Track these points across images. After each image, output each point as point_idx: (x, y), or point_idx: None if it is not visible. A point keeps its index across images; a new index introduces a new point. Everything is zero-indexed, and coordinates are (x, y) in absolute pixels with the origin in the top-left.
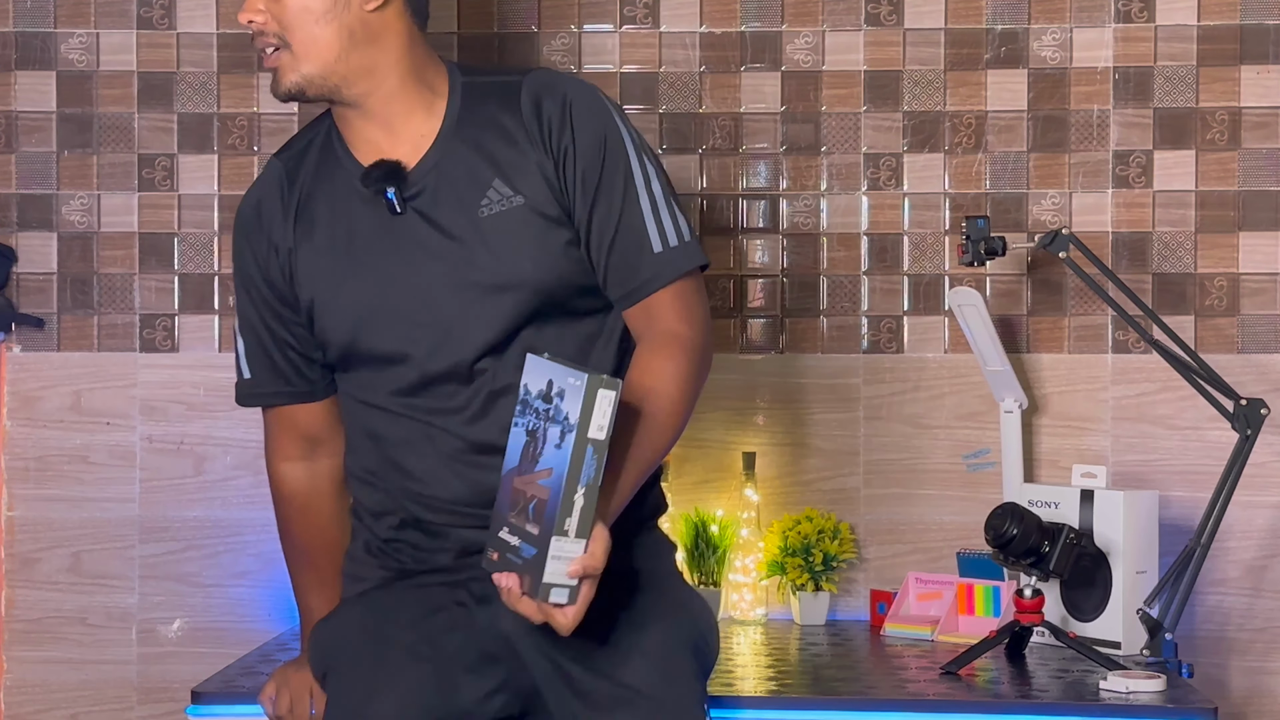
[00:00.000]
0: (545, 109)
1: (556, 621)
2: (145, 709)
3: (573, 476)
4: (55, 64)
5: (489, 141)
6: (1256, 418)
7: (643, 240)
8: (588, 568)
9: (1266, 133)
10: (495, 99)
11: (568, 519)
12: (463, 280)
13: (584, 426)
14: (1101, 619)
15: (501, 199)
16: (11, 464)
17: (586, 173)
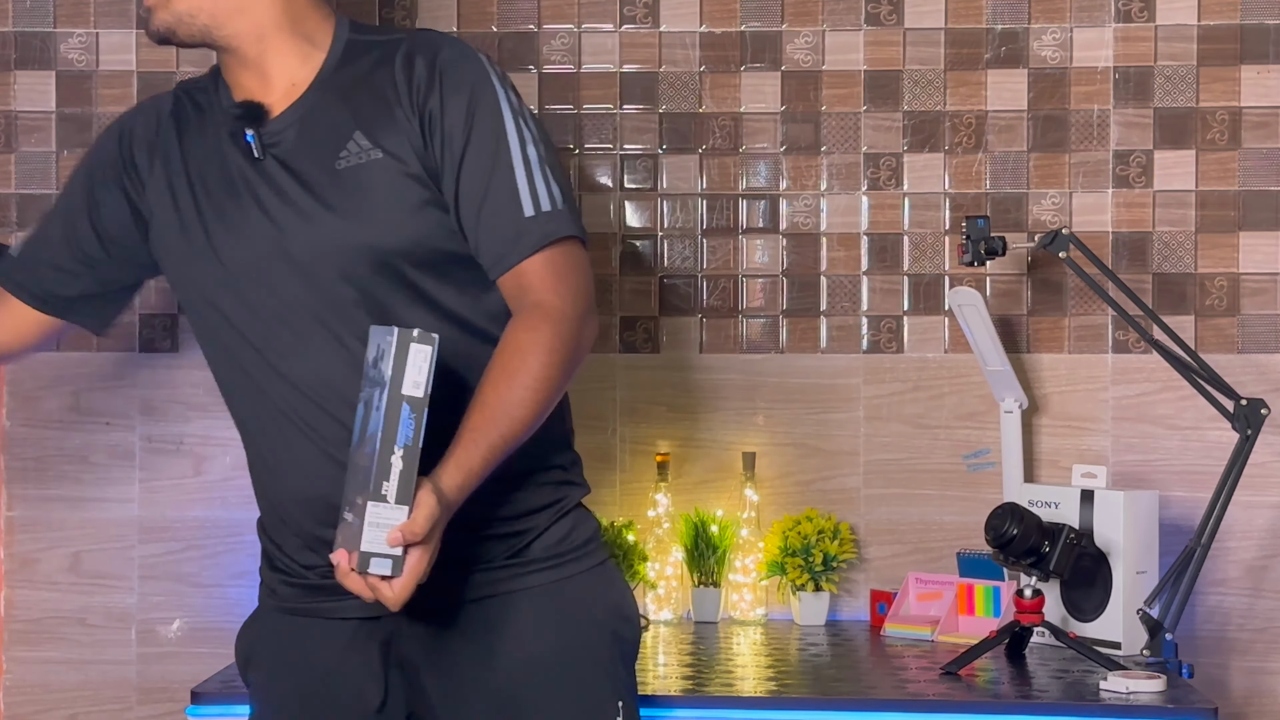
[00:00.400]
0: (416, 67)
1: (383, 595)
2: (145, 709)
3: (388, 437)
4: (55, 64)
5: (357, 96)
6: (1256, 418)
7: (513, 203)
8: (408, 534)
9: (1266, 133)
10: (373, 56)
11: (385, 483)
12: (310, 230)
13: (397, 383)
14: (1102, 619)
15: (360, 151)
16: (11, 464)
17: (454, 134)
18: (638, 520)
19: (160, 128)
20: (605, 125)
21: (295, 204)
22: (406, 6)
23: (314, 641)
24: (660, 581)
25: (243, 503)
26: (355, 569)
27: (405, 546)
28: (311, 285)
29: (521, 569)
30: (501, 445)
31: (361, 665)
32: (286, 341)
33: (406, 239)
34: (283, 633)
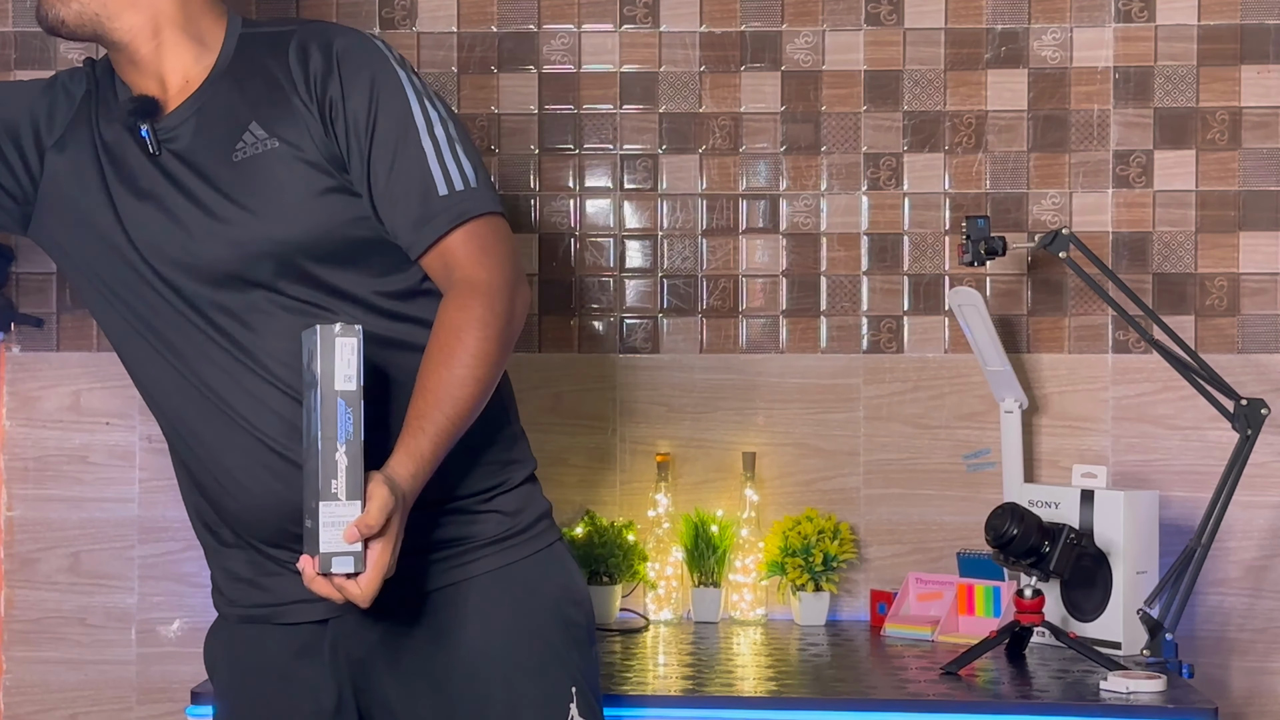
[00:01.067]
0: (312, 56)
1: (351, 594)
2: (144, 709)
3: (329, 435)
4: (55, 64)
5: (251, 88)
6: (1257, 418)
7: (427, 184)
8: (363, 528)
9: (1267, 133)
10: (265, 48)
11: (333, 480)
12: (217, 223)
13: (329, 379)
14: (1102, 619)
15: (257, 141)
16: (11, 464)
17: (358, 120)
18: (638, 520)
19: (72, 105)
20: (605, 125)
21: (196, 198)
22: (406, 7)
23: (267, 650)
24: (660, 581)
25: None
26: (319, 572)
27: (364, 541)
28: (217, 282)
29: (469, 555)
30: (449, 428)
31: (314, 669)
32: (197, 343)
33: (311, 229)
34: (237, 643)
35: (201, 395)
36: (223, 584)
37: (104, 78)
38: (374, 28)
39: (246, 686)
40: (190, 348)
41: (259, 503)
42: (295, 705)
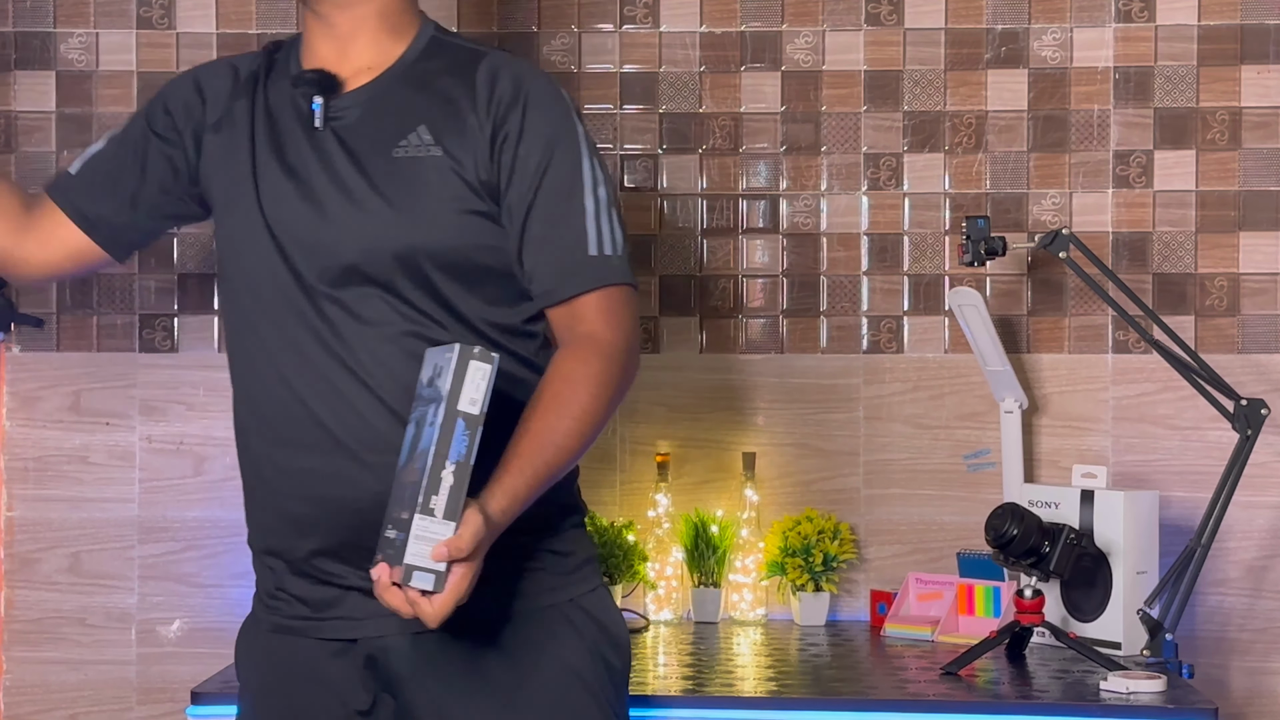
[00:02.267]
0: (500, 84)
1: (422, 611)
2: (145, 709)
3: (440, 451)
4: (55, 64)
5: (429, 93)
6: (1257, 418)
7: (581, 240)
8: (453, 549)
9: (1267, 133)
10: (452, 60)
11: (434, 496)
12: (356, 210)
13: (454, 398)
14: (1102, 619)
15: (421, 145)
16: (11, 464)
17: (529, 160)
18: (638, 520)
19: (237, 84)
20: (605, 125)
21: (342, 181)
22: None
23: (299, 654)
24: (660, 582)
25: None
26: (397, 582)
27: (449, 563)
28: (337, 271)
29: (519, 589)
30: (546, 474)
31: (346, 674)
32: (293, 335)
33: (446, 240)
34: (271, 651)
35: (281, 389)
36: (266, 592)
37: (283, 56)
38: None
39: (274, 687)
40: (283, 338)
41: (325, 507)
42: (324, 706)
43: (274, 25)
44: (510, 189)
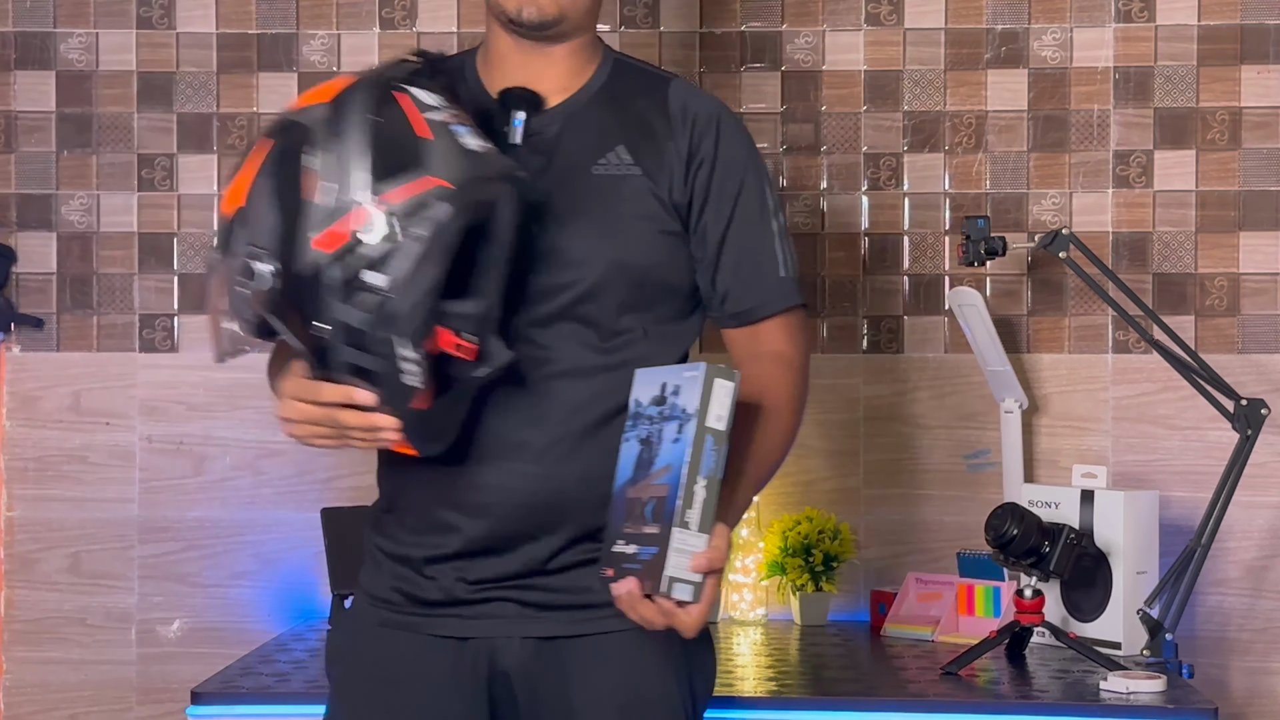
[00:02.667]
0: (693, 110)
1: (680, 621)
2: (145, 709)
3: (693, 466)
4: (55, 64)
5: (623, 115)
6: (1257, 418)
7: (773, 263)
8: (712, 561)
9: (1267, 133)
10: (640, 83)
11: (689, 510)
12: (554, 226)
13: (703, 415)
14: (1102, 619)
15: (620, 164)
16: (11, 464)
17: (725, 185)
18: None
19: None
20: None
21: (545, 195)
22: (406, 7)
23: (416, 662)
24: None
25: (242, 503)
26: (655, 593)
27: (704, 574)
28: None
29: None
30: (759, 483)
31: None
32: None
33: (641, 259)
34: (382, 644)
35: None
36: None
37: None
38: (374, 28)
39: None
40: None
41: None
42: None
43: (274, 25)
44: (705, 212)
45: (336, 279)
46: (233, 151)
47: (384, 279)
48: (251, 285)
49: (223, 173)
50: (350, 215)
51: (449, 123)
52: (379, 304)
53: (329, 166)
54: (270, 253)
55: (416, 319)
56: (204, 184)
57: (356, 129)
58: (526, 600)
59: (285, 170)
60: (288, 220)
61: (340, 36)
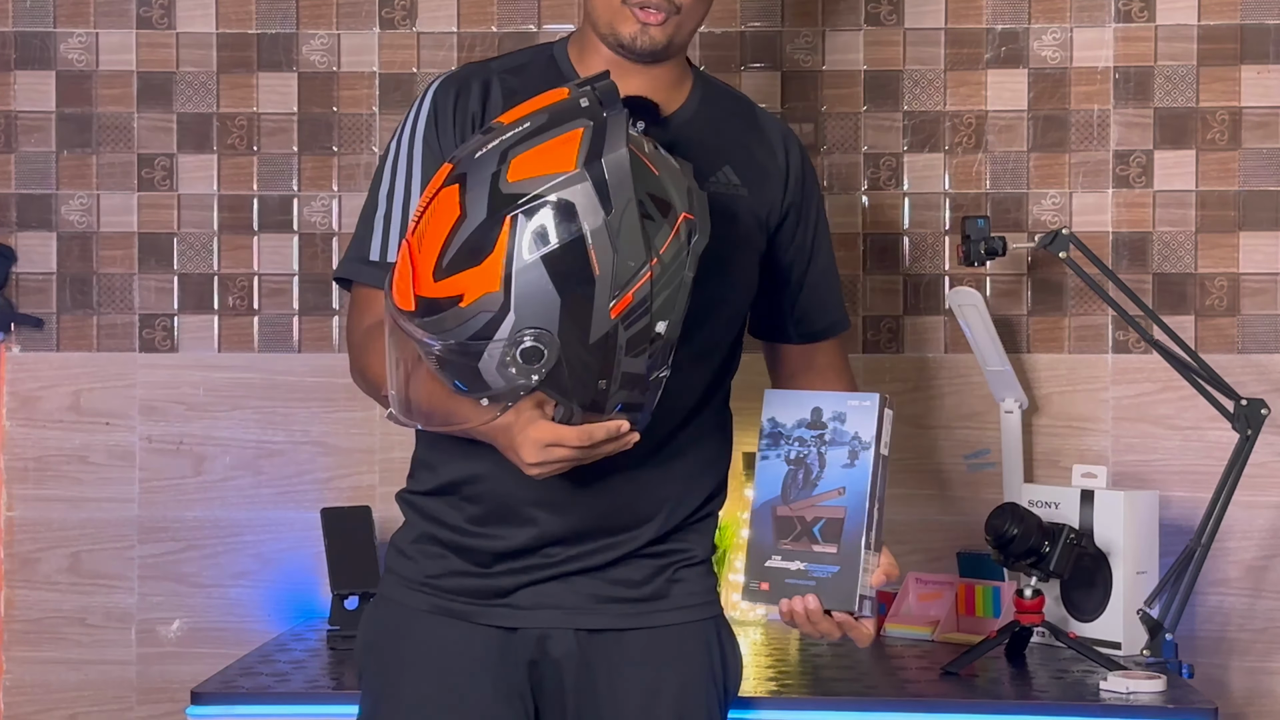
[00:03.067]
0: (780, 131)
1: (860, 634)
2: (145, 709)
3: (873, 492)
4: (55, 64)
5: (727, 135)
6: (1257, 418)
7: (838, 285)
8: (890, 575)
9: (1267, 133)
10: (731, 104)
11: (870, 532)
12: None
13: (879, 444)
14: (1102, 619)
15: (729, 184)
16: (11, 464)
17: (810, 212)
18: None
19: (488, 104)
20: None
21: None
22: (406, 7)
23: (466, 650)
24: None
25: (243, 503)
26: (842, 609)
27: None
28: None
29: (670, 601)
30: None
31: (508, 679)
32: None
33: (747, 289)
34: (430, 630)
35: None
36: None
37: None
38: (374, 27)
39: (434, 680)
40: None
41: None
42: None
43: (274, 25)
44: (796, 235)
45: (625, 338)
46: (232, 151)
47: (665, 324)
48: (533, 366)
49: (222, 172)
50: (640, 278)
51: (646, 142)
52: (661, 348)
53: (610, 236)
54: (557, 334)
55: (677, 343)
56: (204, 184)
57: (624, 194)
58: (582, 592)
59: (560, 250)
60: (578, 298)
61: (340, 36)
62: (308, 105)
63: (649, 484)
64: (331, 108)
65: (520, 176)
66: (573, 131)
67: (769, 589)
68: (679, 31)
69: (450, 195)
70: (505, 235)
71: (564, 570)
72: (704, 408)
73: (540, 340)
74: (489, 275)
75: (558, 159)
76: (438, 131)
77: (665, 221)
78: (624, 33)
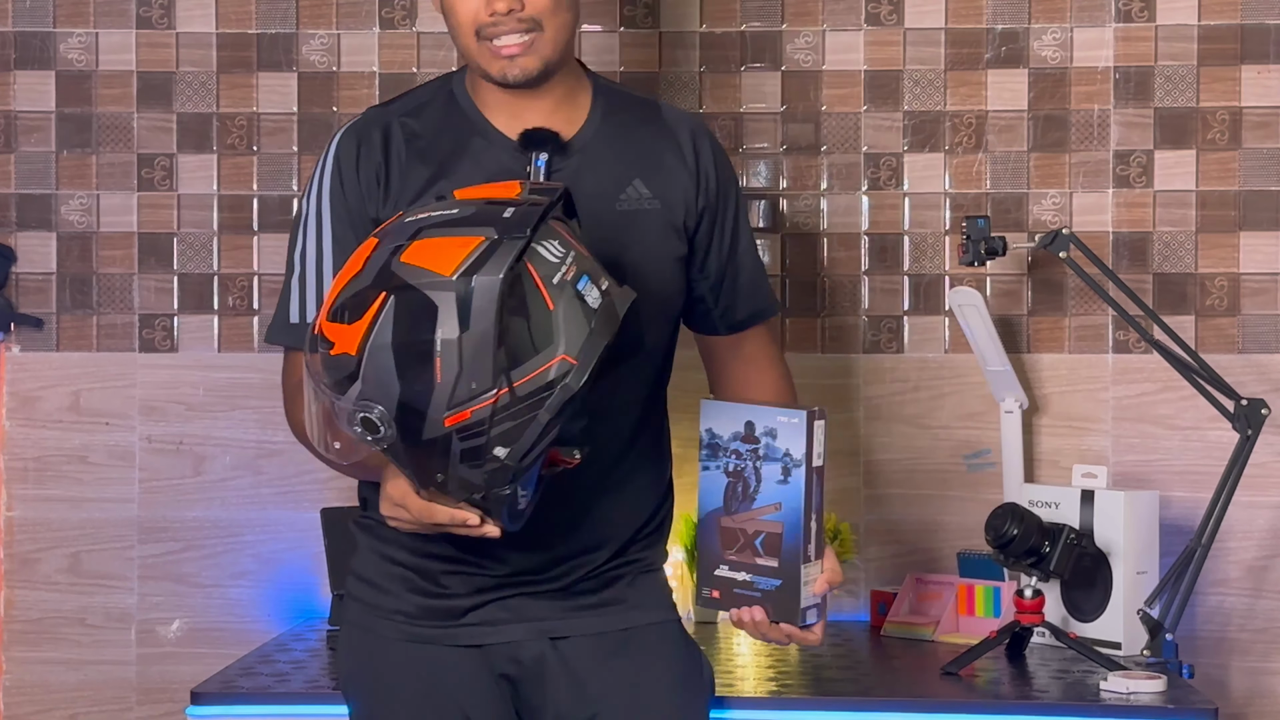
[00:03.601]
0: (688, 129)
1: (808, 639)
2: (144, 709)
3: (808, 506)
4: (54, 64)
5: (634, 147)
6: (1257, 418)
7: (761, 273)
8: (832, 581)
9: (1267, 132)
10: (635, 110)
11: (809, 545)
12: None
13: (809, 458)
14: (1102, 619)
15: (639, 198)
16: (10, 464)
17: (726, 205)
18: None
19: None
20: None
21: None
22: (406, 7)
23: (447, 673)
24: None
25: (243, 503)
26: (784, 621)
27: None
28: None
29: (631, 604)
30: None
31: (491, 694)
32: None
33: (660, 290)
34: (405, 657)
35: None
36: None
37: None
38: (374, 27)
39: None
40: None
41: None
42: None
43: (274, 25)
44: (714, 232)
45: (460, 450)
46: (232, 151)
47: (507, 451)
48: (370, 436)
49: (222, 172)
50: (481, 402)
51: (571, 279)
52: (500, 471)
53: (458, 352)
54: (393, 418)
55: (533, 469)
56: (203, 184)
57: (484, 319)
58: (546, 604)
59: (410, 344)
60: (414, 396)
61: (340, 36)
62: (308, 105)
63: (602, 510)
64: (331, 108)
65: (411, 261)
66: (472, 238)
67: (720, 596)
68: (549, 49)
69: (367, 247)
70: (375, 308)
71: (526, 591)
72: (646, 420)
73: (378, 417)
74: (352, 338)
75: (446, 259)
76: (344, 189)
77: (536, 358)
78: (492, 71)
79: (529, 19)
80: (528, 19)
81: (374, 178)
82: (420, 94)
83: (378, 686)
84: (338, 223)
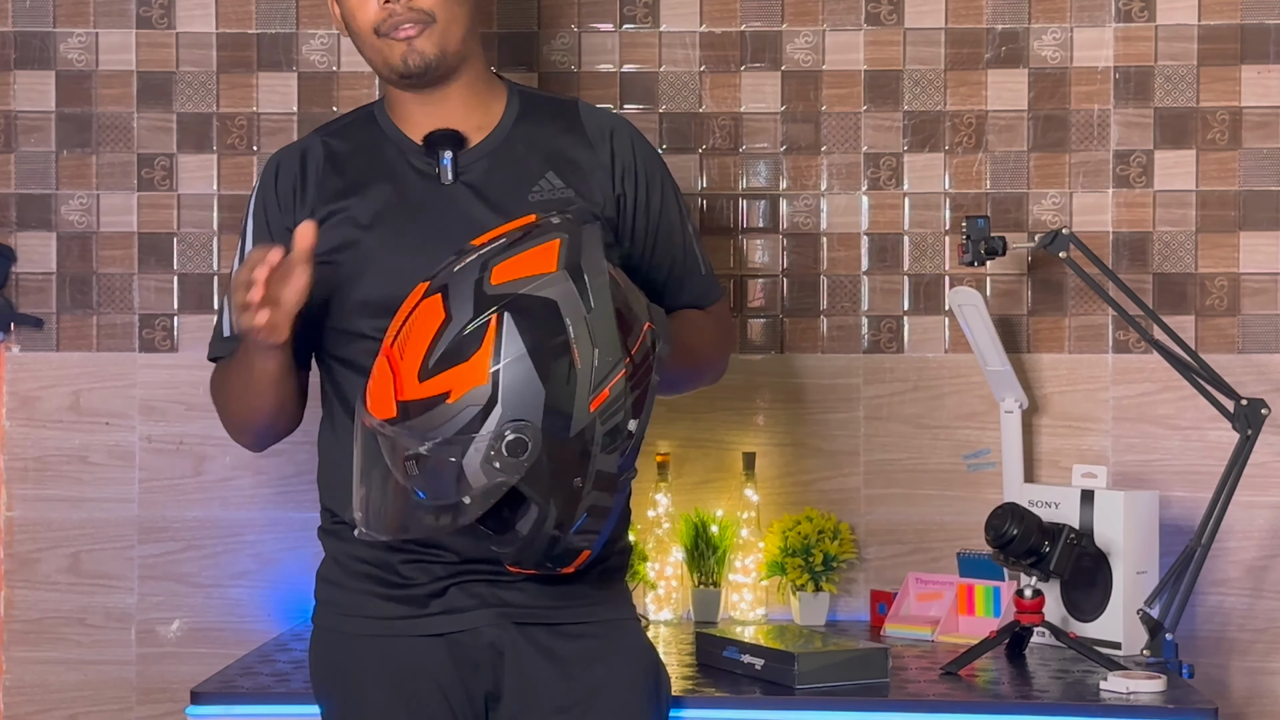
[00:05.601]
0: (607, 125)
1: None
2: (144, 709)
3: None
4: (54, 64)
5: (546, 142)
6: (1257, 418)
7: (696, 263)
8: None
9: (1267, 133)
10: (551, 110)
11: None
12: None
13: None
14: (1102, 619)
15: (553, 189)
16: (10, 464)
17: (652, 197)
18: (638, 520)
19: (306, 169)
20: None
21: (484, 228)
22: None
23: (416, 664)
24: (660, 582)
25: (243, 503)
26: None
27: None
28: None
29: (596, 600)
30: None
31: (464, 683)
32: None
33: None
34: (383, 658)
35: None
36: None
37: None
38: None
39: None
40: None
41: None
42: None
43: (274, 25)
44: (635, 222)
45: (601, 433)
46: (232, 151)
47: (636, 422)
48: (516, 459)
49: (222, 172)
50: (616, 375)
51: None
52: (632, 447)
53: (590, 333)
54: (538, 425)
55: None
56: (204, 184)
57: (603, 295)
58: (511, 590)
59: (544, 344)
60: (559, 393)
61: (340, 36)
62: (308, 105)
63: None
64: (331, 107)
65: (503, 279)
66: (551, 241)
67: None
68: (445, 39)
69: (434, 304)
70: (492, 331)
71: (487, 577)
72: None
73: (524, 432)
74: (477, 370)
75: (538, 263)
76: (264, 209)
77: (635, 327)
78: (395, 61)
79: (420, 10)
80: (419, 10)
81: (290, 190)
82: (346, 117)
83: (348, 684)
84: (259, 239)
